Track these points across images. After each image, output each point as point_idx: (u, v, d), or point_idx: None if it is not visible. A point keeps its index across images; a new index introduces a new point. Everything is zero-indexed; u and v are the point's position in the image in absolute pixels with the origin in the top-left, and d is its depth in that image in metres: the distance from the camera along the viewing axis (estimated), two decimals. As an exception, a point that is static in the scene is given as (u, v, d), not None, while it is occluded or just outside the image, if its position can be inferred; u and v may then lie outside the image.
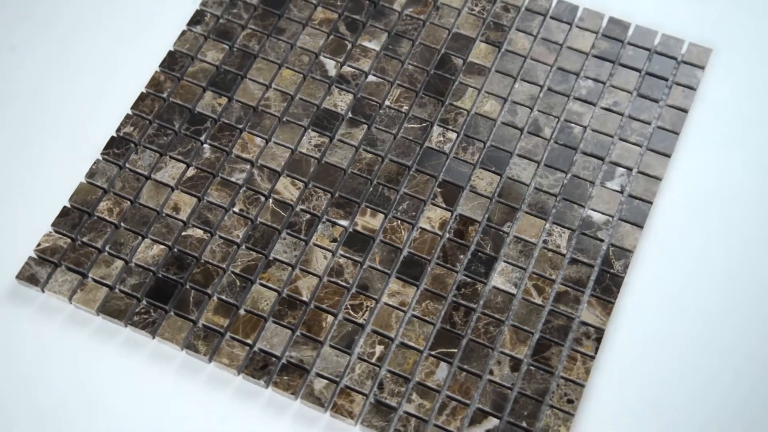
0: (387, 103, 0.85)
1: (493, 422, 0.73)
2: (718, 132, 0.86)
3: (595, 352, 0.76)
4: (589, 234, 0.80)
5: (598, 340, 0.76)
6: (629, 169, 0.83)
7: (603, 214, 0.81)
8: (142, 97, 0.85)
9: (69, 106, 0.86)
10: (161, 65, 0.87)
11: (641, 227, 0.81)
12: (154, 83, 0.86)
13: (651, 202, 0.81)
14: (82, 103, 0.86)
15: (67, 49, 0.89)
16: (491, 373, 0.75)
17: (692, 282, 0.79)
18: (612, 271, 0.79)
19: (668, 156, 0.84)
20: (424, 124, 0.84)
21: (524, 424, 0.73)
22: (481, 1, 0.90)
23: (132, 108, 0.85)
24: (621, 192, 0.82)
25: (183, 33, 0.88)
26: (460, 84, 0.86)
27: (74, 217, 0.80)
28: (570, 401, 0.74)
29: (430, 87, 0.86)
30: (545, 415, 0.74)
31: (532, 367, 0.75)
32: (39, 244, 0.79)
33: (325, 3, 0.90)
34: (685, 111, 0.86)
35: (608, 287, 0.78)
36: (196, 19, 0.89)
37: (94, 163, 0.82)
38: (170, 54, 0.87)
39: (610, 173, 0.83)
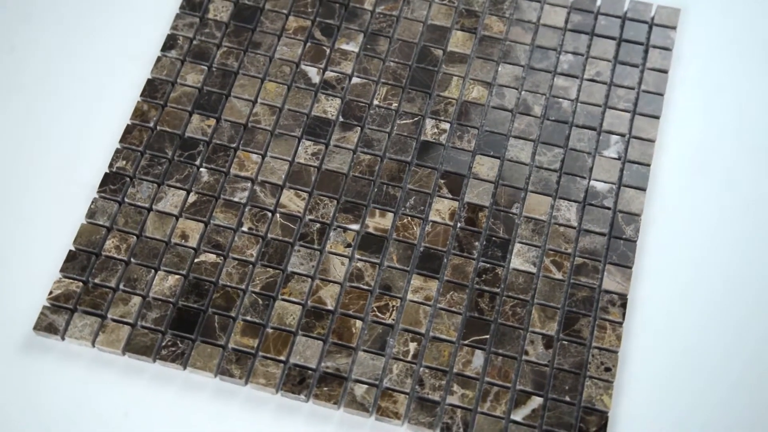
0: (375, 102, 0.85)
1: (537, 401, 0.74)
2: (699, 87, 0.87)
3: (623, 318, 0.77)
4: (595, 204, 0.81)
5: (624, 305, 0.77)
6: (622, 135, 0.84)
7: (605, 182, 0.82)
8: (128, 129, 0.84)
9: (51, 145, 0.84)
10: (142, 95, 0.85)
11: (644, 190, 0.82)
12: (139, 113, 0.84)
13: (649, 165, 0.83)
14: (64, 141, 0.85)
15: (42, 88, 0.87)
16: (526, 353, 0.76)
17: (703, 237, 0.81)
18: (624, 237, 0.80)
19: (657, 117, 0.85)
20: (416, 119, 0.85)
21: (568, 399, 0.74)
22: (450, -10, 0.91)
23: (120, 141, 0.83)
24: (619, 159, 0.83)
25: (159, 59, 0.87)
26: (444, 74, 0.87)
27: (82, 260, 0.78)
28: (607, 369, 0.75)
29: (415, 81, 0.86)
30: (586, 387, 0.74)
31: (564, 342, 0.76)
32: (51, 292, 0.77)
33: (296, 11, 0.90)
34: (665, 72, 0.87)
35: (624, 253, 0.79)
36: (169, 43, 0.88)
37: (92, 202, 0.80)
38: (149, 82, 0.86)
39: (605, 142, 0.84)
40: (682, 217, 0.82)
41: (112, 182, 0.81)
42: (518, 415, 0.74)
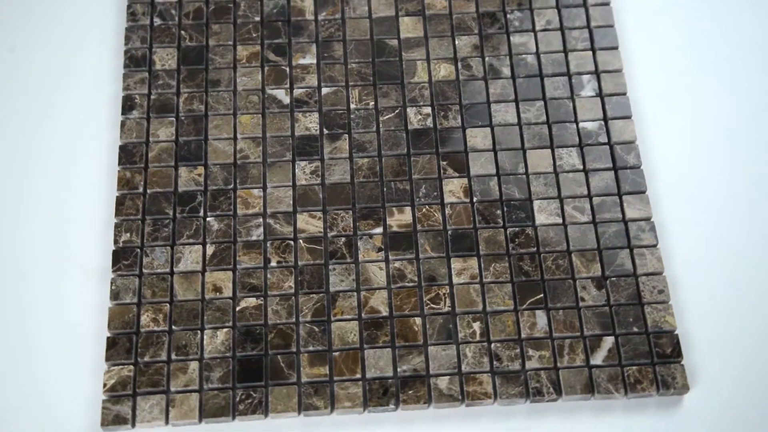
0: (353, 106, 0.85)
1: (609, 341, 0.76)
2: (642, 9, 0.91)
3: (657, 241, 0.80)
4: (591, 143, 0.84)
5: (653, 229, 0.80)
6: (592, 72, 0.87)
7: (593, 120, 0.85)
8: (120, 201, 0.81)
9: (39, 229, 0.80)
10: (120, 163, 0.82)
11: (630, 118, 0.85)
12: (124, 182, 0.82)
13: (625, 93, 0.86)
14: (52, 223, 0.81)
15: (12, 173, 0.83)
16: (582, 300, 0.77)
17: (702, 141, 0.85)
18: (629, 165, 0.83)
19: (616, 48, 0.88)
20: (397, 110, 0.85)
21: (635, 329, 0.76)
22: (382, -20, 0.92)
23: (117, 215, 0.80)
24: (597, 95, 0.86)
25: (123, 124, 0.84)
26: (407, 62, 0.87)
27: (123, 343, 0.75)
28: (660, 291, 0.78)
29: (382, 76, 0.87)
30: (647, 314, 0.77)
31: (612, 279, 0.78)
32: (105, 384, 0.74)
33: (241, 40, 0.88)
34: (607, 3, 0.90)
35: (634, 181, 0.82)
36: (128, 105, 0.85)
37: (111, 283, 0.78)
38: (122, 149, 0.83)
39: (579, 83, 0.87)
40: (673, 132, 0.85)
41: (123, 258, 0.79)
42: (597, 359, 0.75)
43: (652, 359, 0.75)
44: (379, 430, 0.74)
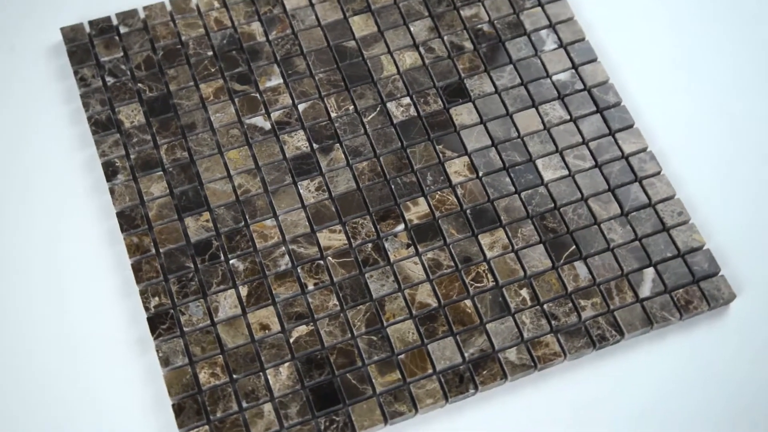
0: (334, 114, 0.85)
1: (650, 272, 0.79)
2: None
3: (660, 167, 0.83)
4: (570, 92, 0.86)
5: (653, 158, 0.83)
6: (547, 26, 0.89)
7: (564, 71, 0.87)
8: (137, 268, 0.78)
9: (66, 321, 0.77)
10: (123, 230, 0.80)
11: (596, 60, 0.88)
12: (134, 248, 0.79)
13: (584, 38, 0.89)
14: (76, 314, 0.78)
15: (13, 257, 0.79)
16: (612, 240, 0.80)
17: (673, 62, 0.88)
18: (611, 104, 0.85)
19: (560, -2, 0.91)
20: (378, 108, 0.85)
21: (669, 254, 0.79)
22: (319, -14, 0.91)
23: (138, 283, 0.78)
24: (560, 46, 0.88)
25: (112, 191, 0.81)
26: (371, 59, 0.88)
27: (191, 405, 0.74)
28: (680, 213, 0.81)
29: (352, 79, 0.87)
30: (675, 237, 0.80)
31: (633, 213, 0.81)
32: (185, 452, 0.72)
33: (201, 79, 0.87)
34: (539, -43, 0.93)
35: (620, 117, 0.85)
36: (110, 171, 0.82)
37: (157, 350, 0.75)
38: (120, 215, 0.81)
39: (539, 39, 0.89)
40: (643, 65, 0.88)
41: (159, 322, 0.76)
42: (645, 292, 0.78)
43: (693, 278, 0.78)
44: (464, 416, 0.75)
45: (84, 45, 0.88)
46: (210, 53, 0.88)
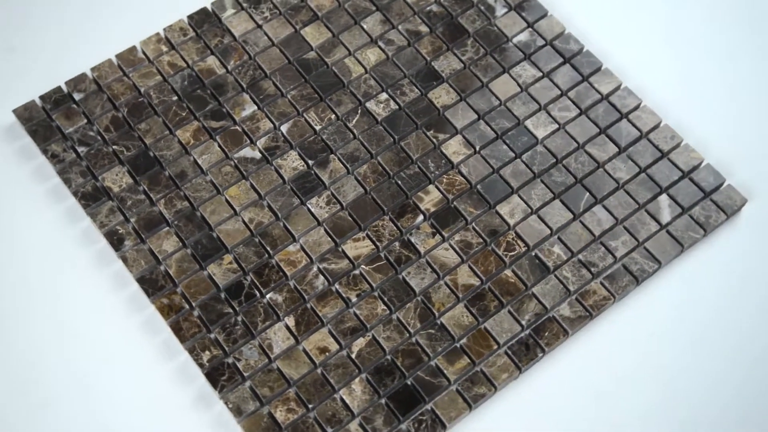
0: (318, 127, 0.85)
1: (664, 198, 0.82)
2: None
3: (640, 99, 0.86)
4: (534, 50, 0.89)
5: (631, 93, 0.86)
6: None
7: (522, 31, 0.89)
8: (177, 328, 0.77)
9: (110, 380, 0.75)
10: (150, 295, 0.78)
11: (548, 14, 0.90)
12: (167, 310, 0.77)
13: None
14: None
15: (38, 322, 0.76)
16: (620, 179, 0.82)
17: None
18: (575, 51, 0.88)
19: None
20: (359, 111, 0.85)
21: (675, 177, 0.82)
22: (260, 6, 0.90)
23: (183, 342, 0.76)
24: (510, 8, 0.90)
25: (125, 259, 0.79)
26: (335, 65, 0.88)
27: (278, 447, 0.73)
28: (672, 137, 0.84)
29: (324, 88, 0.86)
30: (676, 159, 0.83)
31: (629, 148, 0.84)
32: (290, 492, 0.71)
33: (175, 125, 0.85)
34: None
35: (588, 62, 0.88)
36: (115, 240, 0.80)
37: (225, 402, 0.74)
38: (141, 281, 0.78)
39: (488, 6, 0.90)
40: (590, 6, 0.91)
41: (219, 374, 0.75)
42: (665, 218, 0.81)
43: (705, 194, 0.82)
44: (537, 380, 0.76)
45: (43, 121, 0.84)
46: (174, 98, 0.86)
